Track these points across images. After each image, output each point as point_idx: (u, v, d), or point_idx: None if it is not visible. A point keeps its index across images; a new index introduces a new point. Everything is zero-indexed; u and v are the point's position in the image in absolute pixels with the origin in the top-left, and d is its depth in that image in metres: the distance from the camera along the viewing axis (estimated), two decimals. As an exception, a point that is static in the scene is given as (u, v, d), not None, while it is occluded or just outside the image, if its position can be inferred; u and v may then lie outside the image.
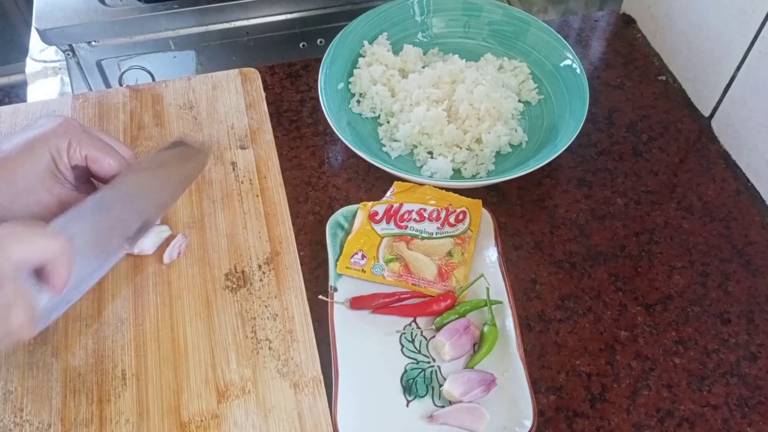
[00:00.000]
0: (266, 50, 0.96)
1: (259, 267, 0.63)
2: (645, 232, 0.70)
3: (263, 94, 0.76)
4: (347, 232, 0.66)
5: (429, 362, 0.59)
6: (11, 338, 0.45)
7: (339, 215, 0.67)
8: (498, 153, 0.74)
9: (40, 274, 0.48)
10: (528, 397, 0.56)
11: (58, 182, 0.55)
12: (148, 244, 0.62)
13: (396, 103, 0.76)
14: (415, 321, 0.61)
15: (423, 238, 0.65)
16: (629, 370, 0.60)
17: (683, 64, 0.82)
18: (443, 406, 0.57)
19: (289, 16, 0.94)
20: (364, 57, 0.80)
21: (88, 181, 0.60)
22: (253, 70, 0.78)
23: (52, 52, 0.93)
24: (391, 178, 0.69)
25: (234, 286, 0.61)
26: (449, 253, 0.64)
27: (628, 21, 0.91)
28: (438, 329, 0.60)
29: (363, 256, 0.64)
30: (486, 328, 0.59)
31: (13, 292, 0.45)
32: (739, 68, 0.72)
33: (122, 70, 0.93)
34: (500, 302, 0.61)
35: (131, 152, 0.60)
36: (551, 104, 0.78)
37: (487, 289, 0.61)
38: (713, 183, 0.74)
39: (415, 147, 0.74)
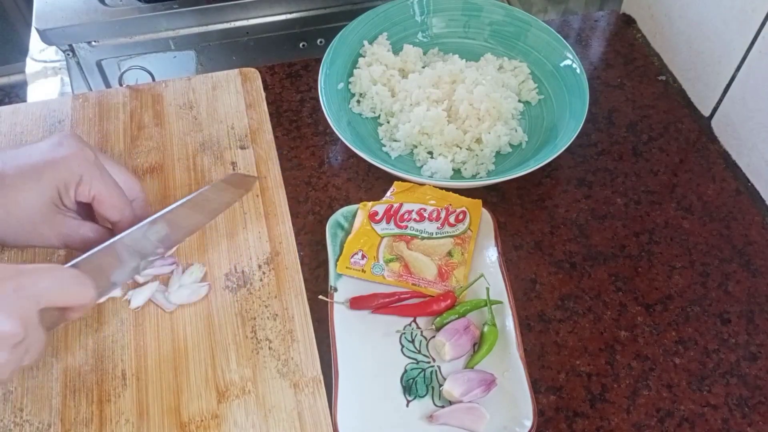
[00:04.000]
0: (266, 50, 0.96)
1: (259, 267, 0.63)
2: (645, 232, 0.70)
3: (263, 94, 0.76)
4: (347, 232, 0.66)
5: (429, 362, 0.59)
6: (14, 370, 0.45)
7: (339, 215, 0.67)
8: (498, 153, 0.74)
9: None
10: (528, 397, 0.56)
11: (59, 213, 0.53)
12: (183, 295, 0.60)
13: (396, 103, 0.76)
14: (415, 321, 0.61)
15: (423, 238, 0.65)
16: (629, 370, 0.60)
17: (683, 64, 0.82)
18: (443, 406, 0.57)
19: (289, 16, 0.94)
20: (364, 57, 0.80)
21: (90, 212, 0.58)
22: (253, 70, 0.78)
23: (52, 52, 0.93)
24: (391, 178, 0.69)
25: (234, 286, 0.61)
26: (449, 253, 0.64)
27: (628, 21, 0.91)
28: (438, 329, 0.60)
29: (363, 256, 0.64)
30: (486, 328, 0.59)
31: (33, 338, 0.44)
32: (739, 68, 0.72)
33: (122, 70, 0.93)
34: (500, 302, 0.61)
35: (140, 186, 0.59)
36: (551, 104, 0.78)
37: (487, 289, 0.61)
38: (713, 183, 0.74)
39: (415, 147, 0.74)
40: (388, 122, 0.76)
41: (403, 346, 0.60)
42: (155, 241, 0.58)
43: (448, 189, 0.69)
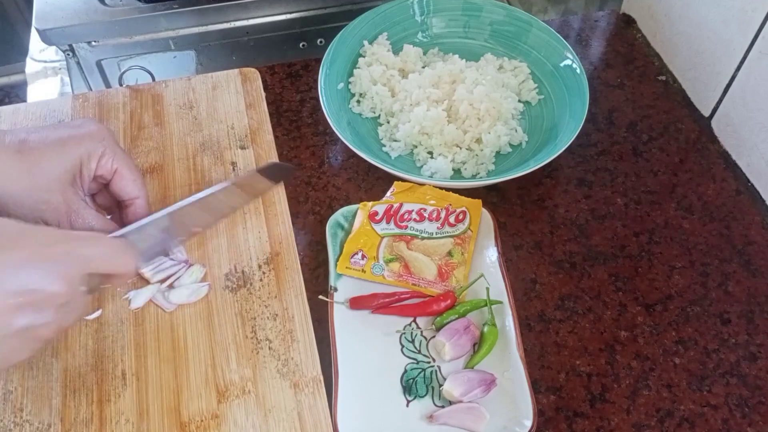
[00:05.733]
0: (266, 50, 0.96)
1: (259, 267, 0.63)
2: (645, 232, 0.70)
3: (263, 94, 0.76)
4: (347, 232, 0.66)
5: (429, 362, 0.59)
6: (58, 330, 0.46)
7: (339, 215, 0.67)
8: (498, 153, 0.74)
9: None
10: (528, 397, 0.56)
11: (73, 187, 0.54)
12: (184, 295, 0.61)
13: (396, 103, 0.76)
14: (415, 321, 0.61)
15: (423, 238, 0.65)
16: (629, 370, 0.60)
17: (683, 64, 0.82)
18: (443, 406, 0.57)
19: (289, 16, 0.94)
20: (364, 57, 0.80)
21: (94, 198, 0.59)
22: (253, 70, 0.78)
23: (52, 52, 0.93)
24: (391, 178, 0.69)
25: (234, 286, 0.61)
26: (449, 253, 0.64)
27: (628, 21, 0.91)
28: (438, 329, 0.60)
29: (363, 256, 0.64)
30: (486, 328, 0.59)
31: (77, 300, 0.46)
32: (739, 68, 0.72)
33: (122, 70, 0.93)
34: (500, 302, 0.61)
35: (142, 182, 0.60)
36: (551, 104, 0.78)
37: (487, 289, 0.61)
38: (713, 183, 0.74)
39: (415, 147, 0.74)
40: (388, 122, 0.76)
41: (403, 346, 0.60)
42: (188, 224, 0.60)
43: (448, 189, 0.69)
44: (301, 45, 0.97)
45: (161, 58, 0.94)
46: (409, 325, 0.61)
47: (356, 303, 0.61)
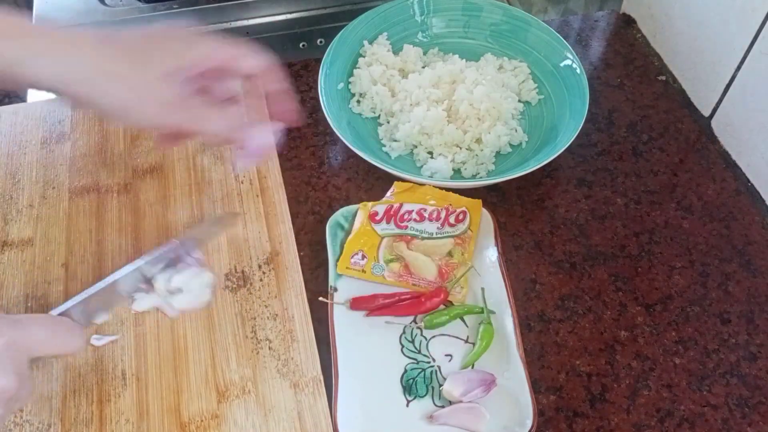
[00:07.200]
0: (266, 50, 0.96)
1: (259, 267, 0.63)
2: (645, 232, 0.70)
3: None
4: (347, 233, 0.66)
5: (429, 362, 0.59)
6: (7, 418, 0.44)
7: (339, 215, 0.67)
8: (498, 153, 0.74)
9: None
10: (528, 397, 0.56)
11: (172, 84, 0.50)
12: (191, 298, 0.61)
13: (396, 103, 0.76)
14: (414, 321, 0.61)
15: (423, 239, 0.65)
16: (629, 370, 0.60)
17: (683, 64, 0.82)
18: (443, 406, 0.57)
19: (289, 16, 0.94)
20: (364, 57, 0.80)
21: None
22: (253, 70, 0.78)
23: (52, 52, 0.93)
24: (391, 178, 0.69)
25: (234, 286, 0.61)
26: (449, 253, 0.64)
27: (628, 21, 0.91)
28: (427, 328, 0.60)
29: (363, 257, 0.64)
30: (481, 327, 0.59)
31: (27, 383, 0.44)
32: (739, 68, 0.72)
33: (122, 70, 0.93)
34: (494, 313, 0.61)
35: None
36: (551, 104, 0.78)
37: (483, 289, 0.61)
38: (713, 183, 0.74)
39: (415, 147, 0.74)
40: (388, 122, 0.76)
41: (403, 346, 0.60)
42: (144, 275, 0.59)
43: (448, 189, 0.69)
44: (301, 45, 0.97)
45: (161, 58, 0.94)
46: (409, 325, 0.61)
47: (357, 304, 0.61)
